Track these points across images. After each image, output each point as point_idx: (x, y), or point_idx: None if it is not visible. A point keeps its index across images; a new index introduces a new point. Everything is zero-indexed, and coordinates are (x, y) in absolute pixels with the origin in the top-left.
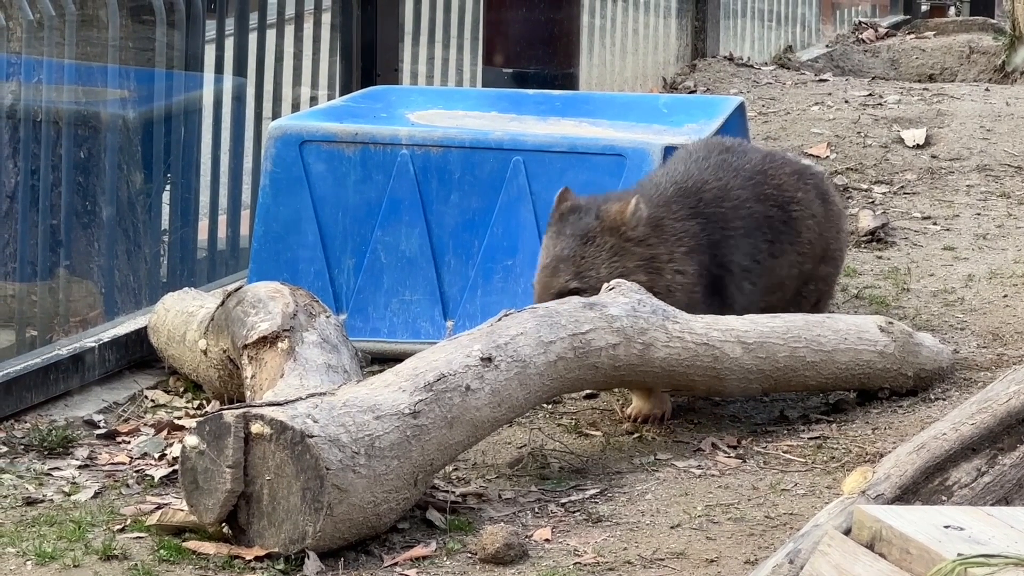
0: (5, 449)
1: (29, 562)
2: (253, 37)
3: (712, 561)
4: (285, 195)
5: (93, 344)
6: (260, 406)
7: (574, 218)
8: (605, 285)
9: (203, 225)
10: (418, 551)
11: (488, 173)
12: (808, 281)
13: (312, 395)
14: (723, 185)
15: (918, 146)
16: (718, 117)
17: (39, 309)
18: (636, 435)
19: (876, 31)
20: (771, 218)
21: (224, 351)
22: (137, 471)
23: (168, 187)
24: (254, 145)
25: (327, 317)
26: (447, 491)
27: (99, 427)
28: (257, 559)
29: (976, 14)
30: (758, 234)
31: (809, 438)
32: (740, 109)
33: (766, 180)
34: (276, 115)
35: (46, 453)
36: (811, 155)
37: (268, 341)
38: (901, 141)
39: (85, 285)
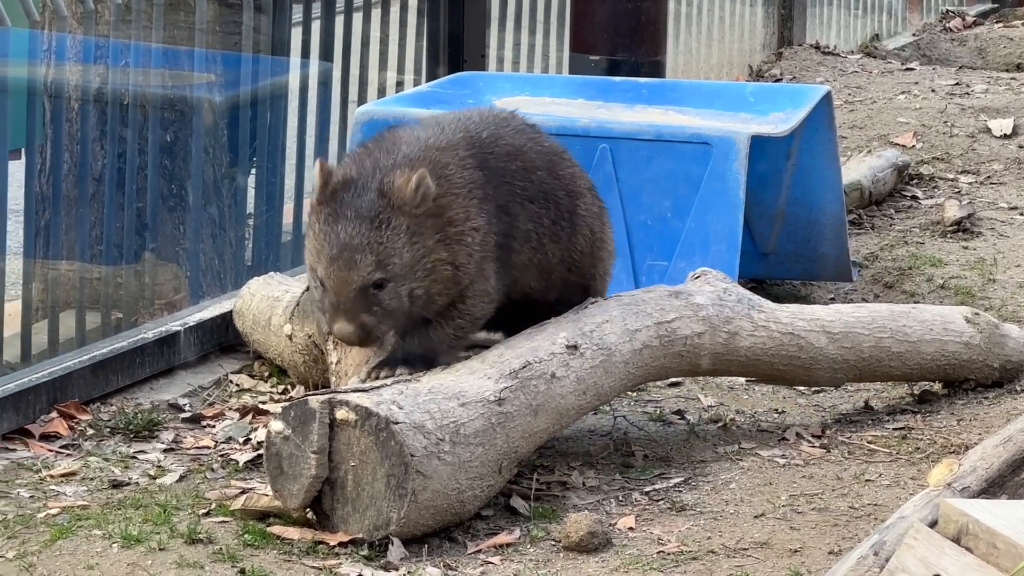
0: (92, 432)
1: (115, 544)
2: (340, 21)
3: (796, 551)
4: None
5: (179, 328)
6: (345, 392)
7: (351, 196)
8: (690, 274)
9: (288, 209)
10: (502, 538)
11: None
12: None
13: (397, 381)
14: (519, 145)
15: (1005, 136)
16: (805, 106)
17: (125, 292)
18: (721, 424)
19: (963, 20)
20: (559, 202)
21: (309, 336)
22: (222, 455)
23: (253, 171)
24: (340, 130)
25: None
26: (531, 478)
27: (184, 411)
28: (341, 545)
29: None
30: (542, 207)
31: (894, 429)
32: (827, 98)
33: (561, 161)
34: (362, 100)
35: (132, 436)
36: (897, 144)
37: None
38: (988, 131)
39: (171, 269)
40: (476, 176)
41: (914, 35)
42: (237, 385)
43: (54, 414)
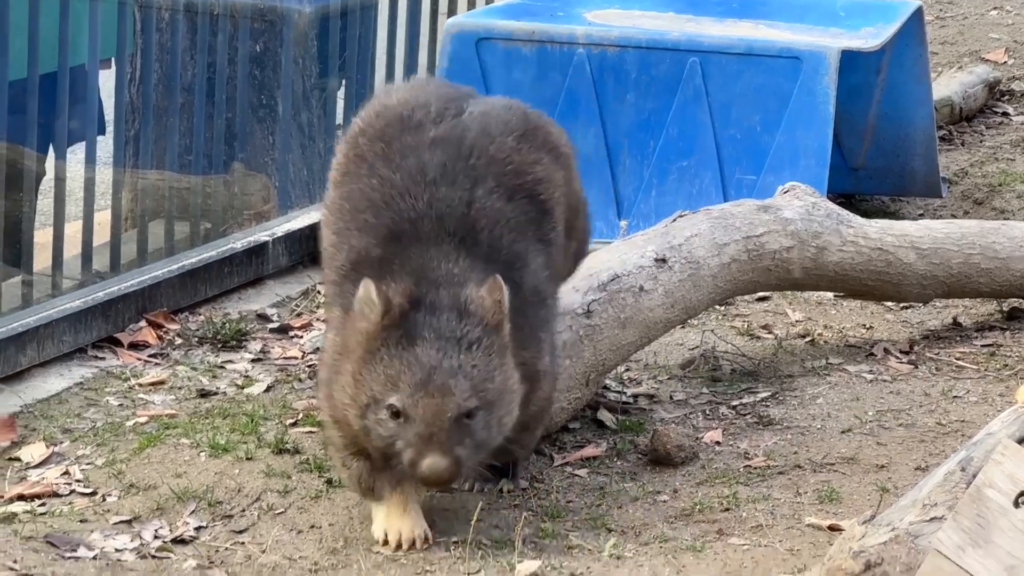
0: (180, 341)
1: (203, 453)
2: None
3: (882, 467)
4: None
5: (267, 238)
6: None
7: (424, 316)
8: (779, 188)
9: None
10: (589, 451)
11: (664, 74)
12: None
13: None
14: (466, 196)
15: None
16: (895, 21)
17: (214, 202)
18: (808, 339)
19: None
20: (530, 216)
21: None
22: (309, 366)
23: (343, 82)
24: (429, 41)
25: None
26: (618, 391)
27: (272, 321)
28: None
29: None
30: (533, 246)
31: (982, 345)
32: (918, 14)
33: (507, 168)
34: (452, 12)
35: (220, 346)
36: (988, 60)
37: None
38: None
39: (260, 179)
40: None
41: None
42: (325, 296)
43: (143, 323)
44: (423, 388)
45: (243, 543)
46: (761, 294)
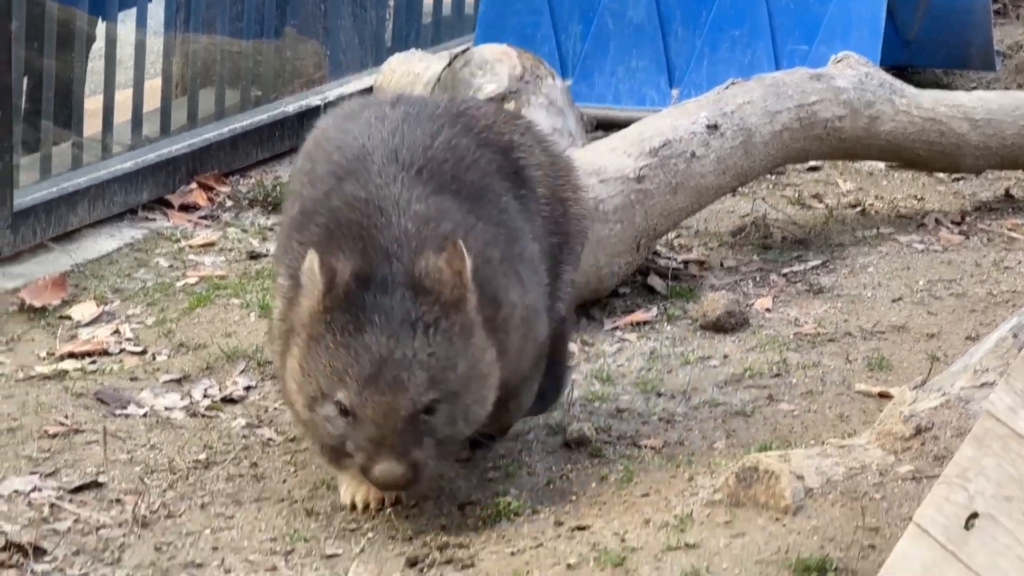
0: (231, 203)
1: (252, 314)
2: None
3: (932, 336)
4: None
5: (319, 103)
6: None
7: (373, 296)
8: (832, 57)
9: None
10: (639, 316)
11: None
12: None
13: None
14: (429, 131)
15: None
16: None
17: (265, 68)
18: (859, 209)
19: None
20: (503, 169)
21: None
22: None
23: None
24: None
25: (553, 80)
26: (669, 257)
27: None
28: None
29: None
30: (503, 187)
31: None
32: None
33: (481, 123)
34: None
35: (270, 209)
36: None
37: (494, 102)
38: None
39: (311, 45)
40: (471, 221)
41: None
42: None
43: (194, 185)
44: (372, 384)
45: None
46: (812, 163)
